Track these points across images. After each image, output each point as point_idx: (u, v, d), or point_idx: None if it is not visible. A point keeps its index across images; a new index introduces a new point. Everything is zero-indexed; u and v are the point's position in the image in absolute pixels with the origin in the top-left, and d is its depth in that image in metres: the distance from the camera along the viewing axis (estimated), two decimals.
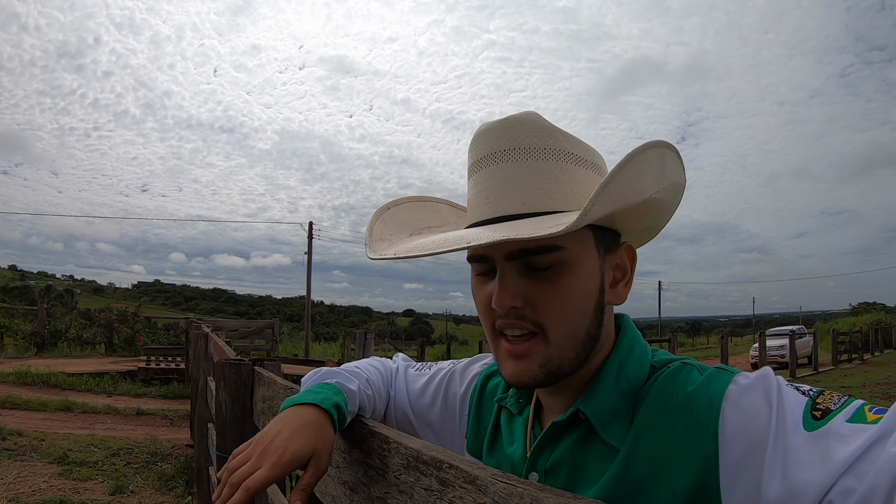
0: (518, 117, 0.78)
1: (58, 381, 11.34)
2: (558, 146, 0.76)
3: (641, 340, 0.84)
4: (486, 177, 0.78)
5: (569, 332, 0.76)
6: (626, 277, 0.82)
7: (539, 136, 0.76)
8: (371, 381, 1.05)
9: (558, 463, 0.79)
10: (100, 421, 8.70)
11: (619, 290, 0.82)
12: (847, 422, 0.60)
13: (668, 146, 0.72)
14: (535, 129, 0.76)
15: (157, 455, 6.79)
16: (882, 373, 17.17)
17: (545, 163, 0.75)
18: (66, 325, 18.23)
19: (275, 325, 13.99)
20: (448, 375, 1.08)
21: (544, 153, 0.75)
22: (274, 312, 67.35)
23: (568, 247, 0.74)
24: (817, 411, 0.63)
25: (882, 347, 27.79)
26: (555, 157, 0.76)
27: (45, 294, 37.39)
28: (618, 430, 0.74)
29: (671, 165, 0.75)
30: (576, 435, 0.78)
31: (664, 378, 0.75)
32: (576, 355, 0.77)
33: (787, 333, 20.14)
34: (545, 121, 0.77)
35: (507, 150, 0.76)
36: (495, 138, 0.77)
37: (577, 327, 0.76)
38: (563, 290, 0.75)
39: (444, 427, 1.05)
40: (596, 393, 0.77)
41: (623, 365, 0.79)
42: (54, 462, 6.18)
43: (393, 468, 0.80)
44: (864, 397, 0.61)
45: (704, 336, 72.97)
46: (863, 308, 48.52)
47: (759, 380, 0.68)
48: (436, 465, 0.69)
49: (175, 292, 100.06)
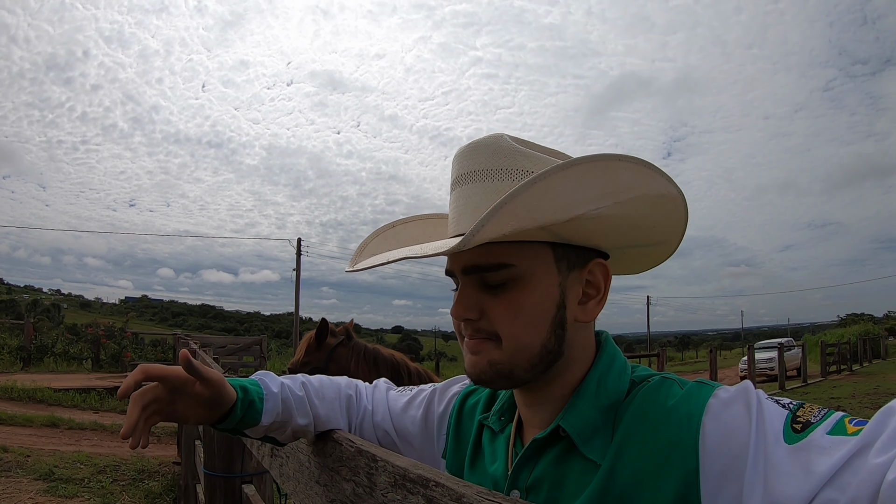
0: (480, 141, 0.82)
1: (44, 396, 11.22)
2: (516, 166, 0.79)
3: (621, 356, 0.85)
4: (454, 199, 0.84)
5: (520, 345, 0.78)
6: (600, 295, 0.83)
7: (497, 157, 0.79)
8: (318, 391, 1.07)
9: (539, 479, 0.80)
10: (86, 437, 8.60)
11: (590, 308, 0.83)
12: (828, 434, 0.61)
13: (621, 159, 0.71)
14: (493, 151, 0.80)
15: (144, 472, 6.71)
16: (871, 383, 17.26)
17: (499, 183, 0.78)
18: (52, 340, 18.06)
19: (263, 342, 13.86)
20: (429, 395, 1.09)
21: (499, 174, 0.79)
22: (262, 329, 66.93)
23: (519, 264, 0.77)
24: (798, 424, 0.64)
25: (871, 358, 27.89)
26: (510, 177, 0.78)
27: (31, 308, 36.94)
28: (598, 444, 0.76)
29: (631, 178, 0.73)
30: (556, 451, 0.80)
31: (644, 392, 0.77)
32: (530, 366, 0.79)
33: (775, 346, 20.17)
34: (507, 142, 0.80)
35: (468, 174, 0.81)
36: (460, 163, 0.83)
37: (530, 341, 0.78)
38: (514, 305, 0.78)
39: (425, 447, 1.06)
40: (576, 408, 0.79)
41: (602, 380, 0.81)
42: (40, 478, 6.09)
43: (380, 486, 0.80)
44: (853, 408, 0.63)
45: (693, 350, 73.16)
46: (851, 319, 48.99)
47: (740, 393, 0.69)
48: (423, 483, 0.70)
49: (163, 308, 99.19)
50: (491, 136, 0.82)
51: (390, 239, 1.01)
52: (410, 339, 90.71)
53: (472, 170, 0.81)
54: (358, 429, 1.12)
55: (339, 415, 1.09)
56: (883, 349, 31.39)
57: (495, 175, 0.79)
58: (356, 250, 1.01)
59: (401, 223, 1.04)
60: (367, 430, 1.11)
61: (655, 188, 0.77)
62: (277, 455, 1.38)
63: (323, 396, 1.07)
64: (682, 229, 0.87)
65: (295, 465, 1.22)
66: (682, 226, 0.86)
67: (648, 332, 61.74)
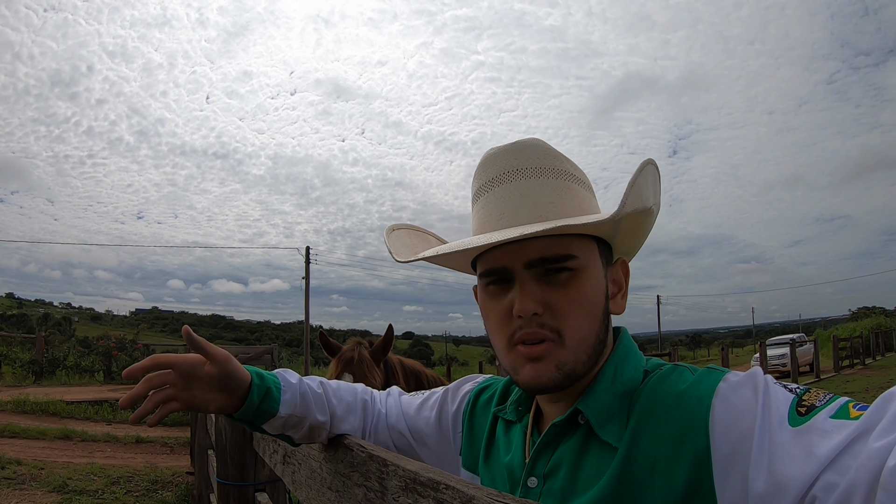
0: (526, 141, 0.86)
1: (56, 409, 11.27)
2: (563, 167, 0.85)
3: (636, 349, 0.88)
4: (500, 194, 0.84)
5: (582, 336, 0.81)
6: (623, 290, 0.89)
7: (547, 157, 0.84)
8: (336, 391, 1.09)
9: (558, 465, 0.81)
10: (99, 449, 8.63)
11: (618, 301, 0.88)
12: (831, 417, 0.62)
13: (652, 164, 0.79)
14: (542, 151, 0.85)
15: (157, 483, 6.73)
16: (885, 377, 17.09)
17: (555, 181, 0.83)
18: (64, 353, 18.18)
19: (273, 351, 13.80)
20: (441, 395, 1.11)
21: (553, 173, 0.84)
22: (273, 338, 67.15)
23: (580, 255, 0.81)
24: (802, 407, 0.66)
25: (883, 351, 27.75)
26: (562, 177, 0.84)
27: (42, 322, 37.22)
28: (614, 429, 0.77)
29: (658, 184, 0.83)
30: (575, 437, 0.81)
31: (657, 379, 0.79)
32: (588, 357, 0.81)
33: (787, 342, 20.07)
34: (550, 145, 0.86)
35: (520, 170, 0.83)
36: (506, 160, 0.84)
37: (590, 331, 0.81)
38: (579, 295, 0.80)
39: (441, 446, 1.08)
40: (594, 394, 0.81)
41: (619, 369, 0.83)
42: (54, 491, 6.11)
43: (391, 490, 0.81)
44: (867, 402, 0.63)
45: (705, 348, 73.00)
46: (862, 313, 48.53)
47: (748, 377, 0.72)
48: (433, 487, 0.70)
49: (173, 319, 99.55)
50: (531, 138, 0.87)
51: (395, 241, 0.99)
52: (421, 344, 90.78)
53: (520, 166, 0.83)
54: (373, 432, 1.13)
55: (356, 416, 1.10)
56: None
57: (549, 173, 0.83)
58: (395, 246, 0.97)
59: (395, 230, 1.02)
60: (381, 434, 1.13)
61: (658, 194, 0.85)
62: (289, 462, 1.38)
63: (340, 397, 1.09)
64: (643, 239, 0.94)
65: (307, 471, 1.22)
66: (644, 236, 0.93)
67: (659, 332, 61.50)
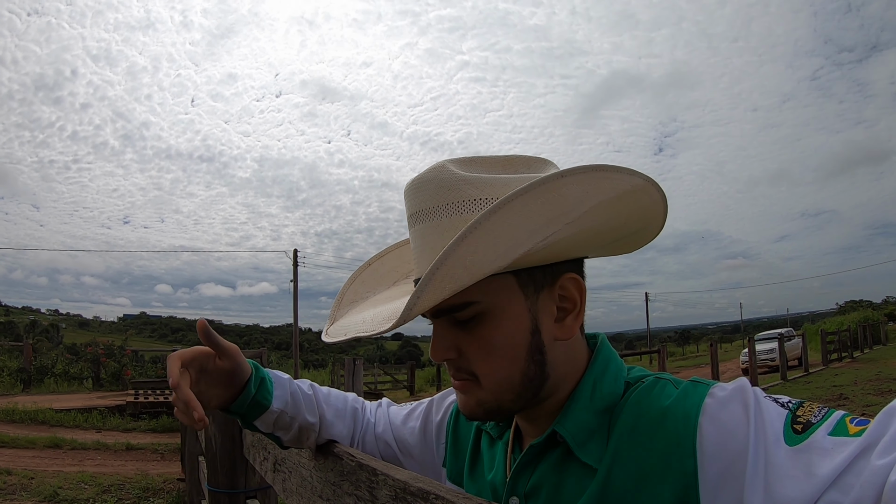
0: (422, 176, 0.78)
1: (45, 417, 11.17)
2: (461, 198, 0.75)
3: (617, 358, 0.84)
4: (411, 239, 0.82)
5: (500, 379, 0.77)
6: (577, 309, 0.79)
7: (439, 193, 0.76)
8: (326, 396, 1.09)
9: (538, 485, 0.79)
10: (89, 457, 8.56)
11: (567, 324, 0.78)
12: (829, 435, 0.60)
13: (565, 175, 0.67)
14: (436, 186, 0.76)
15: (148, 490, 6.68)
16: (872, 369, 17.26)
17: (446, 220, 0.75)
18: (52, 361, 17.97)
19: (263, 354, 13.67)
20: (426, 406, 1.10)
21: (445, 210, 0.75)
22: (262, 341, 66.88)
23: (482, 300, 0.74)
24: (798, 425, 0.63)
25: (871, 344, 27.98)
26: (456, 211, 0.75)
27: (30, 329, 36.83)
28: (594, 448, 0.74)
29: (580, 191, 0.69)
30: (554, 456, 0.79)
31: (639, 393, 0.75)
32: (515, 397, 0.77)
33: (775, 337, 20.17)
34: (449, 173, 0.76)
35: (416, 214, 0.79)
36: (408, 202, 0.80)
37: (511, 372, 0.76)
38: (485, 342, 0.76)
39: (425, 457, 1.07)
40: (571, 413, 0.77)
41: (598, 383, 0.79)
42: (44, 500, 6.06)
43: (381, 500, 0.80)
44: (855, 394, 0.62)
45: (694, 344, 73.16)
46: (850, 306, 49.12)
47: (736, 392, 0.68)
48: (423, 496, 0.70)
49: (162, 324, 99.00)
50: (432, 168, 0.78)
51: (368, 281, 1.00)
52: (410, 345, 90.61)
53: (419, 209, 0.78)
54: (361, 441, 1.13)
55: (345, 423, 1.10)
56: (883, 335, 31.53)
57: (441, 212, 0.75)
58: (334, 302, 0.97)
59: (377, 259, 1.02)
60: (369, 443, 1.13)
61: (613, 189, 0.71)
62: (280, 470, 1.38)
63: (330, 402, 1.09)
64: (662, 212, 0.81)
65: (298, 480, 1.22)
66: (661, 209, 0.80)
67: (648, 329, 61.90)
